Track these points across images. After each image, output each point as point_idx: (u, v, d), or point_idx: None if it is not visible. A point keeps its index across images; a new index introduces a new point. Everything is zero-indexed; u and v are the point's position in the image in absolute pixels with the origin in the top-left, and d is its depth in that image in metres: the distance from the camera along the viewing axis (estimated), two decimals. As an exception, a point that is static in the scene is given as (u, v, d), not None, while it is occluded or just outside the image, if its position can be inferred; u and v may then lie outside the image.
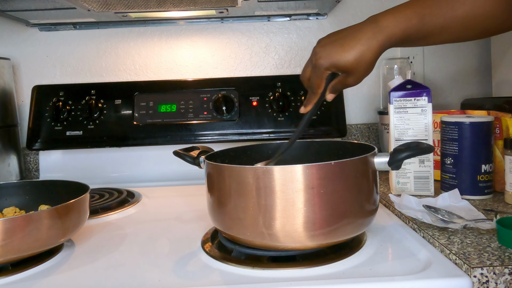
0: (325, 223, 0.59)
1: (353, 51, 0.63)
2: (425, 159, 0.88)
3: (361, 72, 0.65)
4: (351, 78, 0.66)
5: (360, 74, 0.65)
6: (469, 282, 0.54)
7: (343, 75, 0.67)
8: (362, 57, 0.63)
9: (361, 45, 0.63)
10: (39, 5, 1.03)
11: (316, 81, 0.68)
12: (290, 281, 0.56)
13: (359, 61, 0.64)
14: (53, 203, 0.77)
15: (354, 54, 0.63)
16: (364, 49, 0.63)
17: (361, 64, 0.64)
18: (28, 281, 0.60)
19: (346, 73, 0.66)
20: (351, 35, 0.65)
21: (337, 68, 0.66)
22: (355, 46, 0.64)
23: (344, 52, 0.64)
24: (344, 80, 0.67)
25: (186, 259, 0.65)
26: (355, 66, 0.64)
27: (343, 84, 0.68)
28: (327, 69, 0.66)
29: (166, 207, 0.96)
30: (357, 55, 0.63)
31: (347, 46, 0.64)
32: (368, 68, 0.65)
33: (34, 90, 1.21)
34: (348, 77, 0.66)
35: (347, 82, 0.67)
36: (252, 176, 0.59)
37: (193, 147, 0.79)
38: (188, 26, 1.30)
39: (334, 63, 0.65)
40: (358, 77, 0.66)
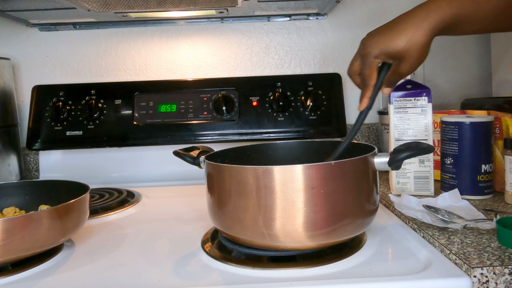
0: (325, 223, 0.59)
1: (403, 35, 0.59)
2: (425, 159, 0.88)
3: (414, 57, 0.60)
4: (404, 65, 0.61)
5: (414, 59, 0.60)
6: (469, 282, 0.54)
7: (396, 63, 0.62)
8: (413, 40, 0.59)
9: (412, 27, 0.59)
10: (39, 5, 1.03)
11: (367, 72, 0.64)
12: (290, 281, 0.56)
13: (411, 45, 0.59)
14: (53, 203, 0.77)
15: (404, 37, 0.59)
16: (415, 31, 0.59)
17: (413, 47, 0.59)
18: (28, 281, 0.60)
19: (398, 60, 0.61)
20: (401, 20, 0.61)
21: (387, 55, 0.61)
22: (405, 29, 0.59)
23: (393, 36, 0.60)
24: (397, 69, 0.62)
25: (186, 259, 0.65)
26: (407, 50, 0.59)
27: (398, 74, 0.63)
28: (377, 57, 0.62)
29: (166, 207, 0.96)
30: (408, 38, 0.59)
31: (396, 30, 0.60)
32: (421, 52, 0.60)
33: (34, 90, 1.21)
34: (400, 64, 0.61)
35: (401, 71, 0.62)
36: (252, 176, 0.59)
37: (193, 147, 0.79)
38: (188, 26, 1.30)
39: (384, 49, 0.61)
40: (412, 63, 0.61)
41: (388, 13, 1.28)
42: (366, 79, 0.65)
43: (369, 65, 0.63)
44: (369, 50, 0.63)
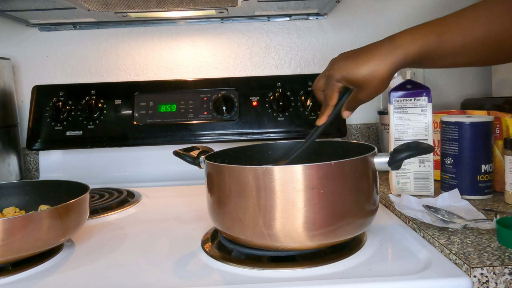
0: (325, 223, 0.59)
1: (366, 66, 0.62)
2: (425, 159, 0.88)
3: (373, 88, 0.63)
4: (362, 93, 0.65)
5: (372, 90, 0.64)
6: (469, 282, 0.54)
7: (355, 90, 0.65)
8: (374, 72, 0.62)
9: (375, 60, 0.62)
10: (39, 5, 1.03)
11: (328, 92, 0.67)
12: (290, 281, 0.56)
13: (371, 76, 0.62)
14: (53, 203, 0.77)
15: (366, 68, 0.62)
16: (377, 64, 0.62)
17: (373, 79, 0.62)
18: (28, 281, 0.60)
19: (358, 88, 0.65)
20: (367, 51, 0.63)
21: (347, 82, 0.65)
22: (369, 61, 0.62)
23: (356, 65, 0.63)
24: (356, 95, 0.66)
25: (186, 259, 0.65)
26: (367, 81, 0.63)
27: (356, 100, 0.66)
28: (338, 81, 0.65)
29: (166, 207, 0.96)
30: (369, 70, 0.62)
31: (360, 60, 0.63)
32: (380, 84, 0.63)
33: (34, 90, 1.21)
34: (359, 92, 0.65)
35: (359, 98, 0.66)
36: (252, 176, 0.59)
37: (193, 147, 0.79)
38: (188, 26, 1.30)
39: (345, 76, 0.64)
40: (370, 93, 0.64)
41: (388, 13, 1.28)
42: (327, 98, 0.68)
43: (331, 87, 0.67)
44: (332, 73, 0.66)
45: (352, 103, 0.68)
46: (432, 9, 1.28)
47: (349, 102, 0.68)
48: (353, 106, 0.68)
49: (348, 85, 0.65)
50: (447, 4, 1.28)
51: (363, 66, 0.63)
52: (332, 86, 0.66)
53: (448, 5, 1.28)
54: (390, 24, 1.28)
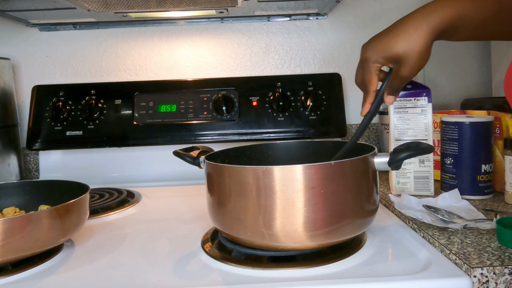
0: (325, 223, 0.59)
1: (401, 37, 0.58)
2: (425, 159, 0.88)
3: (414, 59, 0.58)
4: (404, 68, 0.59)
5: (413, 62, 0.58)
6: (469, 282, 0.54)
7: (396, 67, 0.60)
8: (411, 42, 0.57)
9: (410, 29, 0.57)
10: (39, 5, 1.03)
11: (367, 78, 0.63)
12: (290, 281, 0.56)
13: (409, 47, 0.57)
14: (53, 203, 0.77)
15: (402, 40, 0.57)
16: (413, 33, 0.57)
17: (412, 50, 0.57)
18: (28, 281, 0.60)
19: (398, 64, 0.59)
20: (400, 23, 0.59)
21: (386, 59, 0.60)
22: (404, 32, 0.58)
23: (391, 40, 0.58)
24: (397, 73, 0.60)
25: (186, 259, 0.65)
26: (406, 53, 0.58)
27: (399, 78, 0.61)
28: (375, 61, 0.61)
29: (166, 207, 0.96)
30: (406, 40, 0.57)
31: (394, 33, 0.58)
32: (421, 54, 0.58)
33: (34, 90, 1.21)
34: (400, 68, 0.59)
35: (402, 74, 0.60)
36: (252, 176, 0.59)
37: (193, 147, 0.79)
38: (188, 26, 1.30)
39: (382, 53, 0.60)
40: (412, 66, 0.59)
41: (389, 13, 1.28)
42: (367, 84, 0.64)
43: (369, 70, 0.62)
44: (367, 55, 0.62)
45: (395, 84, 0.62)
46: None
47: (391, 83, 0.62)
48: (397, 88, 0.62)
49: (387, 63, 0.61)
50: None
51: (399, 38, 0.58)
52: (369, 69, 0.62)
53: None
54: (390, 24, 1.28)
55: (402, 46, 0.58)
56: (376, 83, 0.63)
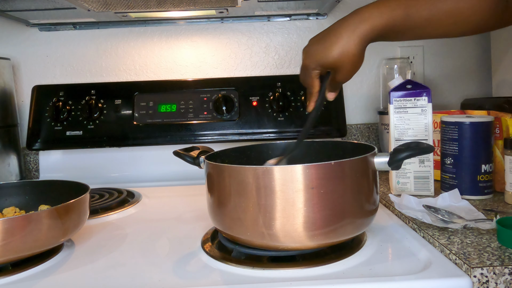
0: (325, 223, 0.59)
1: (335, 47, 0.62)
2: (425, 159, 0.88)
3: (348, 67, 0.63)
4: (339, 74, 0.65)
5: (347, 69, 0.64)
6: (469, 282, 0.54)
7: (332, 72, 0.66)
8: (344, 52, 0.62)
9: (343, 39, 0.62)
10: (39, 5, 1.03)
11: (308, 81, 0.68)
12: (290, 281, 0.56)
13: (342, 56, 0.62)
14: (53, 203, 0.77)
15: (336, 50, 0.62)
16: (345, 43, 0.62)
17: (345, 59, 0.62)
18: (28, 281, 0.60)
19: (333, 70, 0.65)
20: (333, 31, 0.63)
21: (322, 67, 0.65)
22: (337, 42, 0.62)
23: (326, 49, 0.63)
24: (334, 77, 0.66)
25: (186, 259, 0.65)
26: (339, 61, 0.63)
27: (336, 81, 0.67)
28: (314, 69, 0.66)
29: (166, 207, 0.96)
30: (339, 50, 0.62)
31: (329, 42, 0.63)
32: (354, 62, 0.63)
33: (34, 90, 1.21)
34: (336, 74, 0.65)
35: (338, 79, 0.66)
36: (252, 176, 0.59)
37: (193, 147, 0.79)
38: (188, 26, 1.30)
39: (318, 61, 0.65)
40: (346, 73, 0.64)
41: (388, 13, 1.28)
42: (309, 87, 0.69)
43: (310, 76, 0.67)
44: (307, 62, 0.66)
45: (334, 85, 0.68)
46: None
47: (330, 85, 0.68)
48: (336, 87, 0.69)
49: (324, 69, 0.66)
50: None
51: (332, 48, 0.62)
52: (310, 76, 0.67)
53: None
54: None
55: (336, 55, 0.62)
56: (317, 85, 0.68)
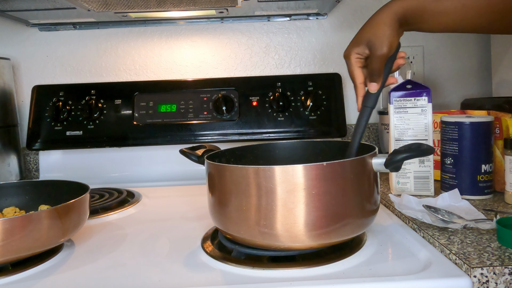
0: (325, 223, 0.59)
1: (369, 25, 0.65)
2: (425, 159, 0.88)
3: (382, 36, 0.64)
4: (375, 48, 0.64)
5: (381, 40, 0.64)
6: (469, 282, 0.54)
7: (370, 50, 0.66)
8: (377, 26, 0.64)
9: (376, 17, 0.65)
10: (39, 5, 1.03)
11: (350, 72, 0.68)
12: (290, 281, 0.56)
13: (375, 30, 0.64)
14: (53, 203, 0.77)
15: (369, 27, 0.65)
16: (377, 19, 0.64)
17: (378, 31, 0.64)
18: (28, 281, 0.60)
19: (370, 46, 0.65)
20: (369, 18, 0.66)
21: (359, 46, 0.66)
22: (370, 21, 0.65)
23: (361, 31, 0.66)
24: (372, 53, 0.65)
25: (186, 259, 0.65)
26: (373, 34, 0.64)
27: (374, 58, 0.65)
28: (352, 52, 0.67)
29: (166, 207, 0.96)
30: (372, 26, 0.65)
31: (363, 26, 0.67)
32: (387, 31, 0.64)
33: (34, 90, 1.21)
34: (372, 48, 0.65)
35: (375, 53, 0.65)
36: (253, 176, 0.59)
37: (200, 146, 0.80)
38: (188, 26, 1.30)
39: (355, 43, 0.66)
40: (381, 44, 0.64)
41: (388, 13, 1.28)
42: (353, 79, 0.68)
43: (350, 64, 0.68)
44: (346, 52, 0.68)
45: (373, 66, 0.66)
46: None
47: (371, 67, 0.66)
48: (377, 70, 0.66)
49: (362, 50, 0.66)
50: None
51: (366, 27, 0.66)
52: (350, 64, 0.68)
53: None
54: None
55: (369, 31, 0.65)
56: (360, 75, 0.67)
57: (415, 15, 0.64)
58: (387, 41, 0.64)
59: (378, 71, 0.66)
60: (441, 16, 0.64)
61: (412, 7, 0.63)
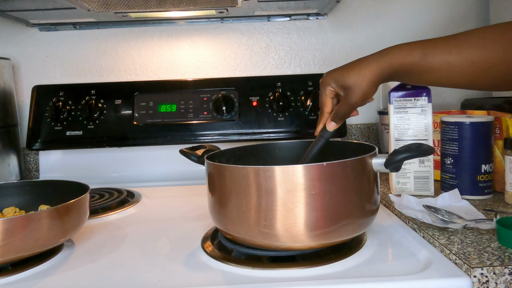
0: (325, 223, 0.59)
1: (354, 71, 0.67)
2: (425, 159, 0.88)
3: (360, 90, 0.66)
4: (350, 95, 0.67)
5: (359, 92, 0.66)
6: (469, 282, 0.54)
7: (344, 94, 0.68)
8: (361, 76, 0.66)
9: (362, 66, 0.66)
10: (39, 5, 1.03)
11: (321, 100, 0.71)
12: (290, 281, 0.56)
13: (358, 79, 0.66)
14: (53, 203, 0.77)
15: (354, 72, 0.66)
16: (363, 70, 0.66)
17: (360, 82, 0.66)
18: (28, 281, 0.60)
19: (346, 91, 0.67)
20: (357, 61, 0.68)
21: (338, 84, 0.68)
22: (357, 67, 0.67)
23: (346, 71, 0.67)
24: (345, 99, 0.68)
25: (186, 259, 0.65)
26: (354, 83, 0.66)
27: (344, 104, 0.68)
28: (329, 85, 0.69)
29: (166, 207, 0.96)
30: (357, 74, 0.66)
31: (349, 67, 0.68)
32: (367, 87, 0.66)
33: (34, 90, 1.21)
34: (347, 94, 0.67)
35: (347, 101, 0.67)
36: (253, 176, 0.59)
37: (200, 146, 0.80)
38: (188, 26, 1.30)
39: (336, 79, 0.68)
40: (357, 95, 0.66)
41: (388, 13, 1.28)
42: (321, 106, 0.71)
43: (324, 93, 0.71)
44: (324, 79, 0.70)
45: (341, 110, 0.69)
46: (433, 9, 1.28)
47: (338, 109, 0.69)
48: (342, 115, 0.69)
49: (338, 89, 0.69)
50: (447, 4, 1.28)
51: (351, 71, 0.67)
52: (324, 93, 0.70)
53: (448, 4, 1.28)
54: (390, 24, 1.29)
55: (352, 77, 0.67)
56: (329, 105, 0.71)
57: (401, 73, 0.67)
58: (363, 95, 0.67)
59: (343, 116, 0.69)
60: (427, 74, 0.66)
61: (399, 66, 0.65)
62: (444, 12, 1.28)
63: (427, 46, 0.65)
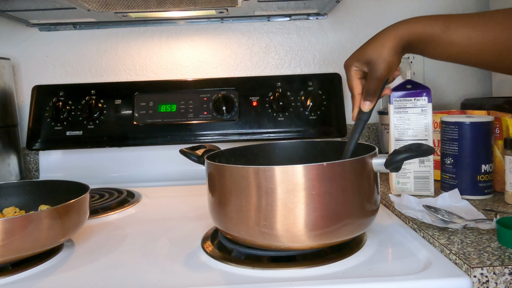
0: (325, 223, 0.59)
1: (372, 44, 0.65)
2: (425, 159, 0.88)
3: (382, 61, 0.64)
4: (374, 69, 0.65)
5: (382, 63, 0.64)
6: (469, 282, 0.54)
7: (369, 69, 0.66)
8: (380, 47, 0.64)
9: (380, 38, 0.65)
10: (39, 5, 1.03)
11: (349, 83, 0.69)
12: (290, 281, 0.56)
13: (378, 51, 0.64)
14: (53, 203, 0.77)
15: (373, 46, 0.65)
16: (382, 40, 0.64)
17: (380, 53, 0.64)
18: (28, 281, 0.60)
19: (370, 65, 0.66)
20: (374, 36, 0.67)
21: (360, 62, 0.66)
22: (375, 40, 0.65)
23: (365, 47, 0.66)
24: (370, 74, 0.66)
25: (186, 259, 0.65)
26: (375, 55, 0.65)
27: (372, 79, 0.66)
28: (352, 65, 0.67)
29: (166, 207, 0.96)
30: (376, 46, 0.65)
31: (368, 42, 0.66)
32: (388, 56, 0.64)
33: (34, 90, 1.21)
34: (372, 69, 0.65)
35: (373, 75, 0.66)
36: (253, 176, 0.59)
37: (200, 146, 0.80)
38: (188, 26, 1.30)
39: (356, 57, 0.67)
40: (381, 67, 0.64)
41: (388, 13, 1.28)
42: (350, 89, 0.70)
43: (350, 75, 0.69)
44: (347, 62, 0.69)
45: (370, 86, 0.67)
46: (433, 9, 1.28)
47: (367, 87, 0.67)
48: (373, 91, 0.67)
49: (362, 66, 0.67)
50: (447, 4, 1.28)
51: (370, 45, 0.66)
52: (350, 75, 0.68)
53: (450, 5, 1.28)
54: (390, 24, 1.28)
55: (372, 49, 0.65)
56: (358, 86, 0.69)
57: (421, 43, 0.64)
58: (387, 65, 0.65)
59: (374, 92, 0.67)
60: (447, 47, 0.64)
61: (419, 34, 0.64)
62: (444, 12, 1.28)
63: (450, 19, 0.63)
